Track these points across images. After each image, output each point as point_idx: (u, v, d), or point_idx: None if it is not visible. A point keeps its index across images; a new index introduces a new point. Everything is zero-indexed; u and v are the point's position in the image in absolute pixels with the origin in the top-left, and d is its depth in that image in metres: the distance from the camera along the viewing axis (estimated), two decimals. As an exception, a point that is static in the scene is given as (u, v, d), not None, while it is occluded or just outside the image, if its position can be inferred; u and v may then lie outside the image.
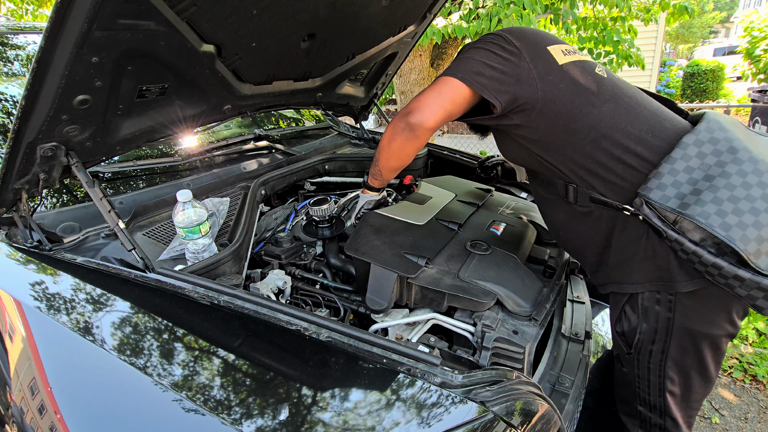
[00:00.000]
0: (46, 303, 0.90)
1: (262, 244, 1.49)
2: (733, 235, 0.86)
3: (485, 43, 1.10)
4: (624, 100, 1.07)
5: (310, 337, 0.81)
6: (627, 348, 1.12)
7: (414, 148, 1.16)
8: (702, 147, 0.95)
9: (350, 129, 2.33)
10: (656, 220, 0.95)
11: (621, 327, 1.12)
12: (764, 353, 2.32)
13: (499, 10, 3.20)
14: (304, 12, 1.21)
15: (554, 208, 1.19)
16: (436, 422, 0.67)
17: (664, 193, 0.93)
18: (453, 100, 1.06)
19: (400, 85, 4.39)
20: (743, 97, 9.15)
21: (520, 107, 1.06)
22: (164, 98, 1.17)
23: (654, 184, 0.95)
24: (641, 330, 1.06)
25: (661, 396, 1.10)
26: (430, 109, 1.07)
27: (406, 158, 1.22)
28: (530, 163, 1.19)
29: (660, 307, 1.03)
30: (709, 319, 1.01)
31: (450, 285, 1.11)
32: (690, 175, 0.93)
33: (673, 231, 0.93)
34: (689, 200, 0.91)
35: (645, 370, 1.10)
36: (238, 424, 0.64)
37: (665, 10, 4.10)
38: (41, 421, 0.74)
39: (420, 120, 1.07)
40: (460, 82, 1.05)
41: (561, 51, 1.11)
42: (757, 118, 6.30)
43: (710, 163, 0.93)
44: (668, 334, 1.03)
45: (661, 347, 1.05)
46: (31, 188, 1.06)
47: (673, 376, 1.08)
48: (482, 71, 1.05)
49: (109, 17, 0.82)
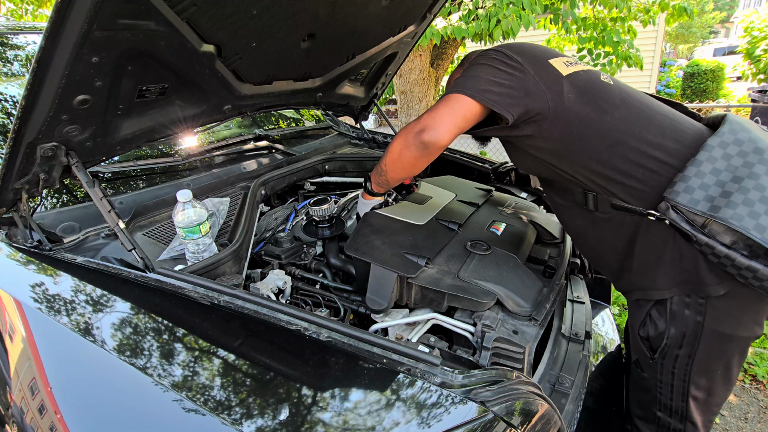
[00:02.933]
0: (46, 303, 0.90)
1: (262, 244, 1.49)
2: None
3: (488, 59, 1.10)
4: (635, 105, 1.06)
5: (310, 337, 0.81)
6: (651, 353, 1.09)
7: (426, 163, 1.17)
8: (727, 149, 0.94)
9: (350, 129, 2.33)
10: (684, 224, 0.93)
11: (646, 332, 1.09)
12: (764, 353, 2.32)
13: (498, 11, 3.19)
14: (304, 12, 1.21)
15: (572, 215, 1.19)
16: (436, 422, 0.67)
17: (692, 197, 0.92)
18: (465, 117, 1.07)
19: (400, 85, 4.39)
20: (743, 97, 9.14)
21: (531, 119, 1.07)
22: (164, 98, 1.17)
23: (681, 187, 0.93)
24: (669, 335, 1.04)
25: (684, 401, 1.09)
26: (445, 128, 1.07)
27: (417, 171, 1.23)
28: (544, 173, 1.18)
29: (690, 311, 1.01)
30: (738, 321, 1.00)
31: (450, 285, 1.11)
32: (717, 177, 0.92)
33: (702, 235, 0.91)
34: (719, 203, 0.90)
35: (669, 374, 1.08)
36: (238, 424, 0.64)
37: (665, 11, 4.11)
38: (41, 421, 0.74)
39: (435, 138, 1.07)
40: (471, 99, 1.05)
41: (563, 63, 1.12)
42: (757, 118, 6.29)
43: (737, 165, 0.92)
44: (697, 338, 1.02)
45: (689, 351, 1.04)
46: (31, 188, 1.06)
47: (698, 380, 1.06)
48: (490, 88, 1.05)
49: (109, 17, 0.82)
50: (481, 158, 2.07)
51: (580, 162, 1.06)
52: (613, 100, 1.06)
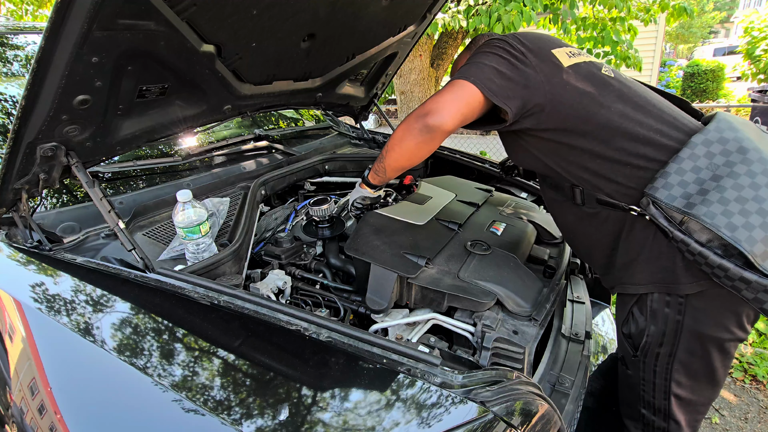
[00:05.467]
0: (46, 303, 0.90)
1: (262, 244, 1.49)
2: (739, 236, 0.85)
3: (493, 48, 1.09)
4: (633, 100, 1.06)
5: (310, 337, 0.81)
6: (633, 350, 1.10)
7: (428, 150, 1.14)
8: (711, 147, 0.94)
9: (350, 129, 2.33)
10: (662, 220, 0.94)
11: (628, 329, 1.10)
12: (764, 353, 2.32)
13: (499, 7, 3.19)
14: (304, 12, 1.21)
15: (563, 210, 1.19)
16: (436, 422, 0.67)
17: (670, 193, 0.92)
18: (469, 104, 1.05)
19: (400, 85, 4.40)
20: (743, 97, 9.15)
21: (529, 111, 1.06)
22: (164, 98, 1.17)
23: (660, 183, 0.94)
24: (649, 332, 1.05)
25: (666, 399, 1.09)
26: (448, 112, 1.05)
27: (417, 160, 1.19)
28: (538, 167, 1.19)
29: (669, 309, 1.01)
30: (718, 322, 1.00)
31: (450, 285, 1.11)
32: (697, 175, 0.92)
33: (679, 231, 0.92)
34: (695, 200, 0.90)
35: (651, 372, 1.09)
36: (238, 424, 0.64)
37: (665, 11, 4.11)
38: (41, 421, 0.74)
39: (440, 122, 1.05)
40: (474, 86, 1.03)
41: (566, 53, 1.10)
42: (757, 118, 6.29)
43: (719, 163, 0.92)
44: (677, 336, 1.02)
45: (669, 350, 1.04)
46: (31, 188, 1.06)
47: (680, 379, 1.07)
48: (493, 78, 1.04)
49: (109, 17, 0.82)
50: (481, 158, 2.07)
51: (571, 157, 1.07)
52: (610, 95, 1.05)
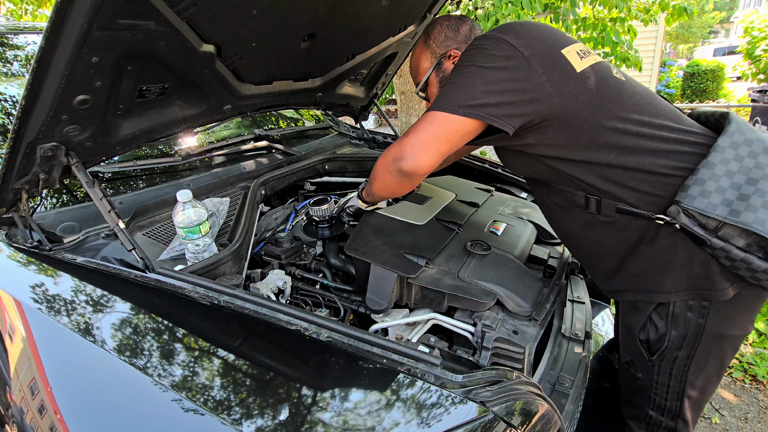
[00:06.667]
0: (46, 303, 0.90)
1: (262, 244, 1.49)
2: None
3: (484, 56, 0.96)
4: (647, 109, 1.00)
5: (310, 337, 0.81)
6: (648, 355, 1.08)
7: (410, 187, 1.16)
8: (738, 149, 0.91)
9: (350, 129, 2.33)
10: (697, 228, 0.91)
11: (646, 335, 1.07)
12: (764, 353, 2.32)
13: (497, 10, 3.20)
14: (304, 12, 1.21)
15: (568, 216, 1.12)
16: (436, 422, 0.67)
17: (710, 201, 0.89)
18: (450, 141, 0.97)
19: (400, 85, 4.39)
20: (743, 97, 9.15)
21: (535, 126, 0.98)
22: (164, 98, 1.17)
23: (695, 191, 0.90)
24: (670, 337, 1.03)
25: (678, 400, 1.09)
26: (424, 156, 0.97)
27: (402, 194, 1.25)
28: (545, 175, 1.10)
29: (692, 313, 1.00)
30: (737, 322, 1.00)
31: (450, 285, 1.11)
32: (732, 180, 0.89)
33: (717, 239, 0.89)
34: (738, 206, 0.87)
35: (666, 376, 1.07)
36: (238, 424, 0.64)
37: (665, 11, 4.11)
38: (41, 421, 0.74)
39: (414, 167, 0.99)
40: (462, 117, 0.94)
41: (577, 53, 1.00)
42: (757, 118, 6.30)
43: (749, 166, 0.90)
44: (697, 339, 1.01)
45: (688, 353, 1.03)
46: (31, 188, 1.06)
47: (694, 380, 1.06)
48: (487, 100, 0.93)
49: (109, 17, 0.82)
50: (481, 158, 2.07)
51: (589, 168, 1.00)
52: (626, 104, 0.98)
